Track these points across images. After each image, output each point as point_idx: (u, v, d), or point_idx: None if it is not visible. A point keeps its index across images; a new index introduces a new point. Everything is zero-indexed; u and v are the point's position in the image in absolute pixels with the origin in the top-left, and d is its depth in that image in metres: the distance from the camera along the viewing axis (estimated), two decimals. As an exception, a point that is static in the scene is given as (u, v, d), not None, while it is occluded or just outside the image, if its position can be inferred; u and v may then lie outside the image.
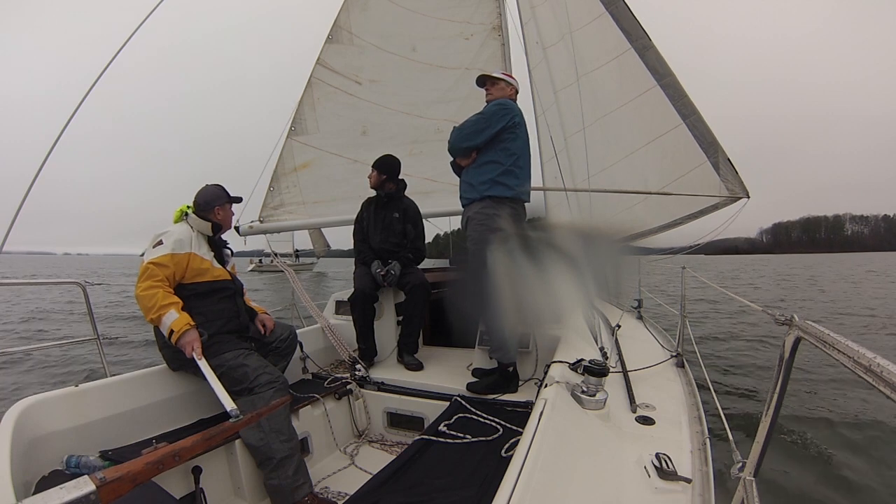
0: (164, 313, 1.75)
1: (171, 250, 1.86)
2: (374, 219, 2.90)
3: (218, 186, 2.16)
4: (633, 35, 4.31)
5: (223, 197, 2.14)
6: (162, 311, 1.75)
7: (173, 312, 1.77)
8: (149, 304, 1.76)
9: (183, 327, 1.75)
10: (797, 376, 4.27)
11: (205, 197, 2.09)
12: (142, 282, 1.79)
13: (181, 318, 1.77)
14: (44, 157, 1.88)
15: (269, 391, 1.81)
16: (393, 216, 2.87)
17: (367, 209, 2.95)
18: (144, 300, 1.77)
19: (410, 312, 2.76)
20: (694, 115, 4.15)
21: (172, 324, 1.74)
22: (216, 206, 2.09)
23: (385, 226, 2.86)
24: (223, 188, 2.17)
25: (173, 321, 1.75)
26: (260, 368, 1.87)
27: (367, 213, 2.94)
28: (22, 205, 1.77)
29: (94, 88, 1.94)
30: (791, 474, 2.58)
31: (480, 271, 1.96)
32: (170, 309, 1.77)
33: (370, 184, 2.90)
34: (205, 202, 2.08)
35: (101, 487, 0.60)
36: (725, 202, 4.15)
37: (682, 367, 2.41)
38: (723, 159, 4.08)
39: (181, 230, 1.96)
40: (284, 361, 2.25)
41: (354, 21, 3.86)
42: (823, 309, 10.22)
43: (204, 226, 2.05)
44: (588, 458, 1.23)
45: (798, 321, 0.78)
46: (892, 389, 0.49)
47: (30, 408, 1.42)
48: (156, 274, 1.81)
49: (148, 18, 2.14)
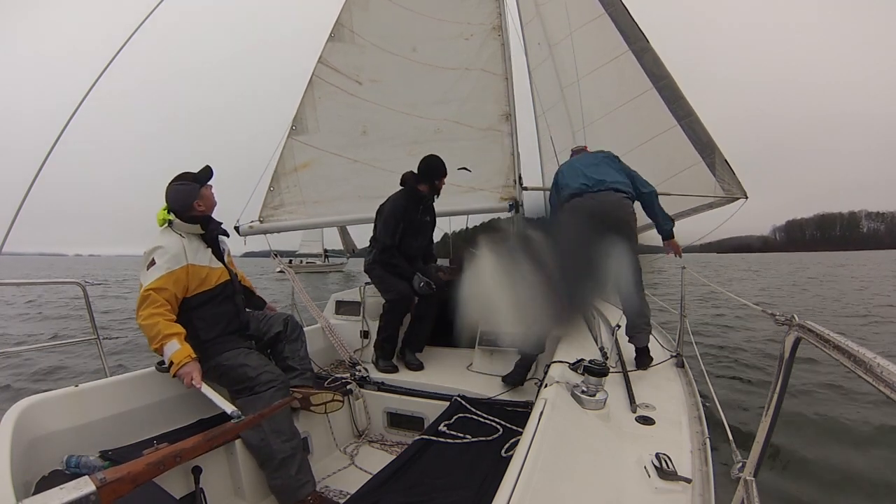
0: (166, 343, 1.70)
1: (167, 269, 1.77)
2: (413, 224, 2.76)
3: (182, 182, 1.92)
4: (630, 37, 4.33)
5: (196, 187, 1.93)
6: (164, 341, 1.70)
7: (175, 343, 1.71)
8: (151, 334, 1.71)
9: (182, 360, 1.70)
10: (797, 376, 4.27)
11: (178, 199, 1.91)
12: (142, 310, 1.73)
13: (182, 349, 1.71)
14: (43, 158, 1.89)
15: (268, 390, 1.80)
16: (425, 220, 2.85)
17: (405, 213, 2.71)
18: (146, 330, 1.72)
19: (424, 313, 2.75)
20: (690, 117, 4.16)
21: (173, 355, 1.69)
22: (193, 202, 1.91)
23: (422, 231, 2.84)
24: (187, 177, 1.94)
25: (174, 352, 1.70)
26: (260, 367, 1.86)
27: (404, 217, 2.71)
28: (22, 205, 1.77)
29: (95, 89, 1.94)
30: (791, 474, 2.58)
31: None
32: (171, 339, 1.71)
33: (439, 190, 2.80)
34: (181, 205, 1.90)
35: (102, 488, 0.61)
36: (721, 202, 4.17)
37: (682, 367, 2.41)
38: (719, 160, 4.09)
39: (171, 242, 1.83)
40: (297, 347, 2.17)
41: (356, 19, 3.87)
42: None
43: (192, 228, 1.91)
44: (588, 457, 1.23)
45: (798, 321, 0.78)
46: (892, 389, 0.49)
47: (30, 408, 1.42)
48: (156, 300, 1.74)
49: (146, 19, 2.15)
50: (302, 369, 2.12)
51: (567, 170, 2.56)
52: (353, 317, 3.08)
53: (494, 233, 2.30)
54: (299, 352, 2.17)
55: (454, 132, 3.86)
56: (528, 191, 3.87)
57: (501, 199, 3.78)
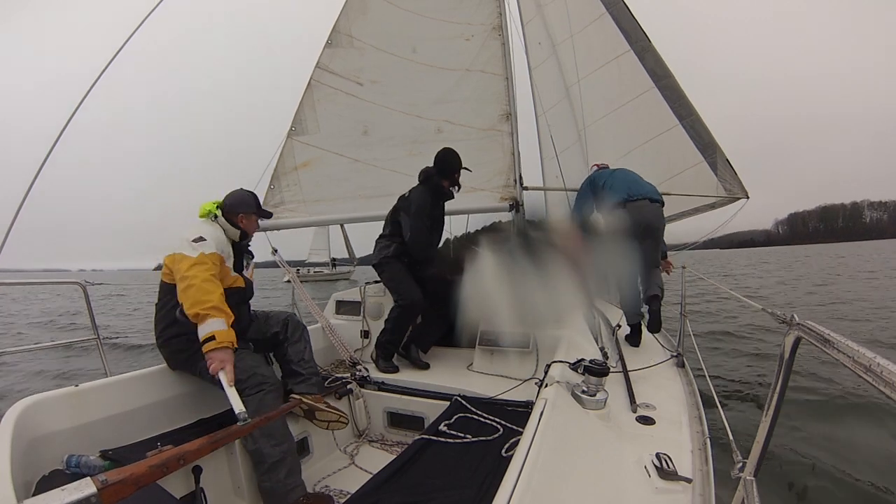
0: (214, 316, 1.61)
1: (216, 249, 1.79)
2: (433, 221, 2.74)
3: (250, 194, 2.08)
4: (632, 37, 4.34)
5: (252, 206, 2.06)
6: (213, 313, 1.61)
7: (223, 322, 1.62)
8: (202, 297, 1.60)
9: (225, 342, 1.60)
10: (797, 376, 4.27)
11: (233, 200, 2.02)
12: (197, 270, 1.64)
13: (230, 332, 1.63)
14: (43, 157, 1.89)
15: (258, 394, 1.73)
16: (441, 217, 2.83)
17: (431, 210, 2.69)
18: (199, 292, 1.61)
19: (436, 315, 2.73)
20: (691, 117, 4.17)
21: (218, 332, 1.59)
22: (241, 213, 2.02)
23: (436, 228, 2.81)
24: (255, 197, 2.09)
25: (221, 330, 1.60)
26: (250, 369, 1.78)
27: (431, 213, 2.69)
28: (19, 212, 1.76)
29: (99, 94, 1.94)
30: (791, 474, 2.58)
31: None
32: (221, 316, 1.62)
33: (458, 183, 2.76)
34: (230, 205, 2.00)
35: (103, 490, 0.60)
36: (723, 202, 4.17)
37: (682, 367, 2.41)
38: (721, 160, 4.09)
39: (214, 231, 1.88)
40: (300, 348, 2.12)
41: (354, 25, 3.87)
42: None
43: (234, 232, 1.99)
44: (588, 457, 1.23)
45: (798, 320, 0.78)
46: (892, 389, 0.49)
47: (30, 407, 1.42)
48: (211, 269, 1.69)
49: (146, 20, 2.15)
50: (307, 374, 2.07)
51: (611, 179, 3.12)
52: (354, 317, 3.08)
53: (495, 234, 2.34)
54: (303, 354, 2.10)
55: (454, 132, 3.86)
56: (528, 191, 3.87)
57: (502, 200, 3.78)
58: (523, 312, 2.13)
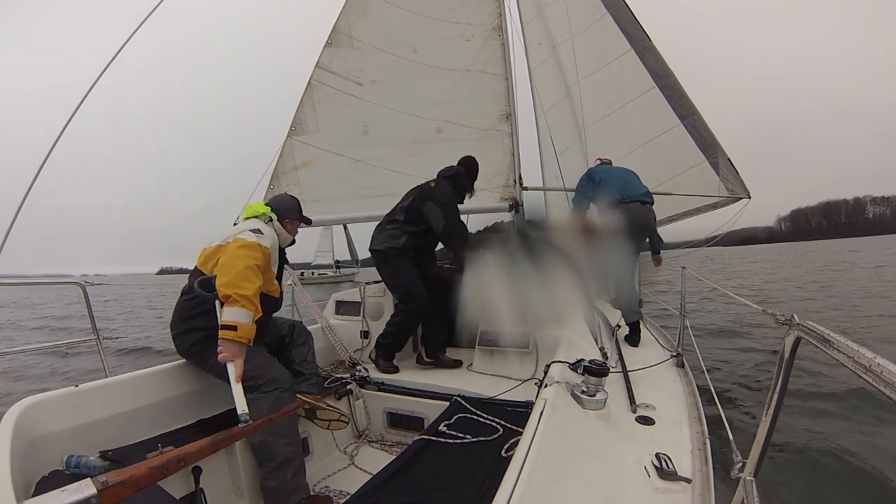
0: (245, 307, 1.58)
1: (271, 245, 1.78)
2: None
3: (296, 200, 2.12)
4: (633, 36, 4.33)
5: (297, 212, 2.08)
6: (245, 302, 1.58)
7: (251, 316, 1.60)
8: (241, 283, 1.59)
9: (246, 337, 1.57)
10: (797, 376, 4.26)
11: (281, 204, 2.03)
12: (250, 251, 1.65)
13: (252, 328, 1.61)
14: (44, 157, 1.89)
15: (275, 390, 1.75)
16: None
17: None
18: (240, 276, 1.59)
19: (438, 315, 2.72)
20: (693, 116, 4.16)
21: (242, 325, 1.56)
22: (286, 219, 2.03)
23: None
24: (299, 203, 2.12)
25: (246, 324, 1.58)
26: (266, 366, 1.80)
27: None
28: (18, 213, 1.76)
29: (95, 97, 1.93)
30: (791, 474, 2.58)
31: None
32: (250, 309, 1.60)
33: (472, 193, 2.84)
34: (279, 209, 2.01)
35: (103, 491, 0.60)
36: (725, 202, 4.17)
37: (682, 367, 2.41)
38: (723, 160, 4.09)
39: (272, 233, 1.88)
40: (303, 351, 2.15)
41: (354, 25, 3.87)
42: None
43: (286, 238, 1.99)
44: (588, 458, 1.23)
45: (798, 321, 0.78)
46: (892, 389, 0.49)
47: (30, 408, 1.42)
48: (259, 260, 1.68)
49: (146, 20, 2.15)
50: (309, 374, 2.10)
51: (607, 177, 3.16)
52: (353, 317, 3.08)
53: (495, 234, 2.35)
54: (306, 356, 2.14)
55: (455, 132, 3.87)
56: (528, 191, 3.87)
57: (501, 200, 3.78)
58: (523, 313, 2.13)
